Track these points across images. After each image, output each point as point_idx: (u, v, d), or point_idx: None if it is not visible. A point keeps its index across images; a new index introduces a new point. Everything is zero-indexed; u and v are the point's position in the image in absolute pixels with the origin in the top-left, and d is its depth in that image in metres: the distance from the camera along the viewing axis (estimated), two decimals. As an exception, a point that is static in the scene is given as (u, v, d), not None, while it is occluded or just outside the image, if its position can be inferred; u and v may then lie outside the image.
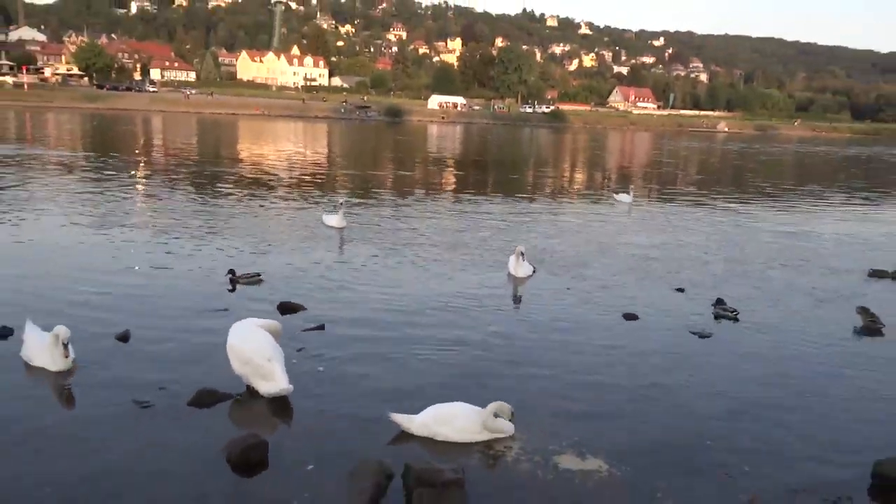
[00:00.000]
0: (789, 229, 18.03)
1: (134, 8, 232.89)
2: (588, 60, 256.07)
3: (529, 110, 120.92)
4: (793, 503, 5.12)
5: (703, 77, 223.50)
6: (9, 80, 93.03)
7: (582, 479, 5.35)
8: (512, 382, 7.08)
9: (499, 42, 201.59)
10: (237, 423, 6.03)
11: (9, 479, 4.96)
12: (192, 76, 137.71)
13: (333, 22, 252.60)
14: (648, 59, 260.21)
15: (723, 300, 10.11)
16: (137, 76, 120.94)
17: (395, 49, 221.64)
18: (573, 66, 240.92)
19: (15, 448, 5.40)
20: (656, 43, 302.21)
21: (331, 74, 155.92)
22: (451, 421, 5.81)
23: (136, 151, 33.64)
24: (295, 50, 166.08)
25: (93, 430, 5.74)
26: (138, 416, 5.97)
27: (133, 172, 24.23)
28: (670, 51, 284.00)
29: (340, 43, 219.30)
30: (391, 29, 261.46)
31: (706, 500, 5.11)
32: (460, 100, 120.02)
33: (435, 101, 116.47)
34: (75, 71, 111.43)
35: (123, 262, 11.14)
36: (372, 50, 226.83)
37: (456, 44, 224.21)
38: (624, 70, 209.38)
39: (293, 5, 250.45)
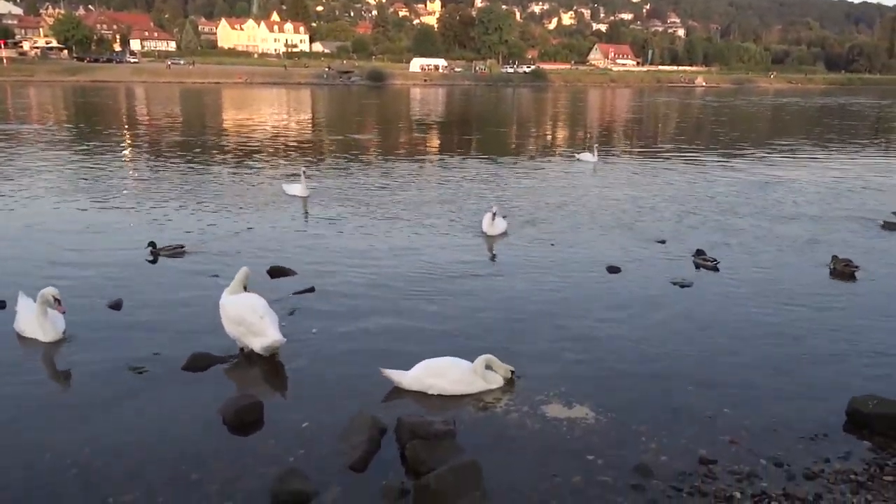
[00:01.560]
0: (764, 180, 18.32)
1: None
2: (567, 18, 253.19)
3: (511, 70, 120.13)
4: (771, 442, 5.31)
5: (681, 32, 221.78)
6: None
7: (569, 426, 5.53)
8: (500, 337, 7.24)
9: (478, 2, 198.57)
10: (232, 384, 6.18)
11: (9, 448, 5.07)
12: (172, 46, 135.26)
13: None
14: (627, 16, 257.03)
15: (702, 251, 10.30)
16: (117, 47, 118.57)
17: (374, 13, 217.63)
18: (552, 24, 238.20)
19: (13, 418, 5.50)
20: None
21: (311, 40, 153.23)
22: (443, 374, 5.98)
23: (120, 123, 33.27)
24: (275, 16, 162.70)
25: (90, 396, 5.86)
26: (134, 382, 6.09)
27: (120, 144, 24.03)
28: (648, 7, 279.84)
29: (320, 8, 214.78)
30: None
31: (688, 442, 5.30)
32: (442, 62, 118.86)
33: (417, 64, 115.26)
34: (54, 44, 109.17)
35: (111, 233, 11.17)
36: (352, 14, 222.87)
37: (436, 5, 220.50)
38: (603, 27, 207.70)
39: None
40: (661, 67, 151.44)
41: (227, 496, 4.57)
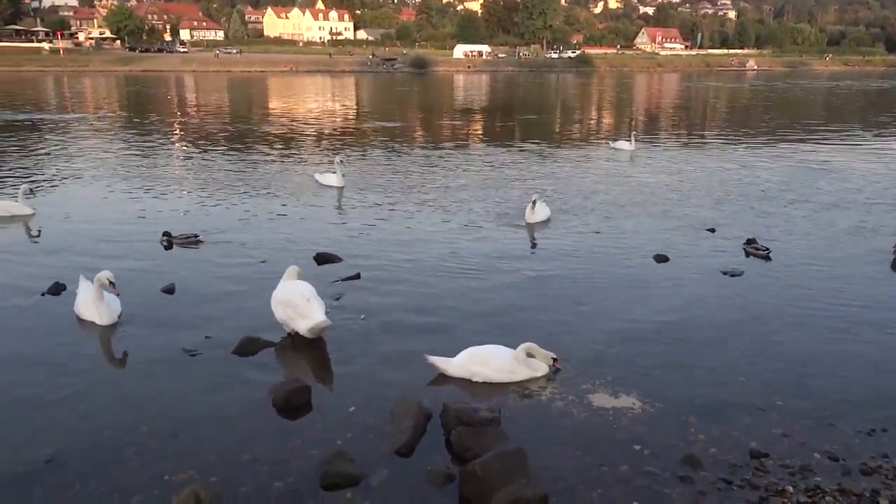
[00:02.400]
0: (816, 166, 17.76)
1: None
2: (613, 2, 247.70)
3: (555, 56, 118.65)
4: (826, 436, 5.18)
5: (732, 14, 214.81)
6: (45, 45, 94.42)
7: (615, 416, 5.48)
8: (545, 324, 7.21)
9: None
10: (280, 368, 6.31)
11: (71, 427, 5.28)
12: (220, 35, 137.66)
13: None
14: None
15: (754, 239, 10.05)
16: (167, 37, 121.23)
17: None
18: (598, 8, 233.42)
19: (74, 397, 5.71)
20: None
21: (356, 28, 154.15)
22: (487, 361, 5.99)
23: (169, 112, 34.07)
24: (320, 4, 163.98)
25: (146, 377, 6.06)
26: (187, 364, 6.27)
27: (168, 133, 24.63)
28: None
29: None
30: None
31: (739, 434, 5.20)
32: (485, 48, 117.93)
33: (460, 50, 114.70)
34: (108, 34, 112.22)
35: (162, 219, 11.47)
36: (396, 1, 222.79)
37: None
38: (650, 10, 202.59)
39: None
40: (710, 51, 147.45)
41: (278, 477, 4.68)
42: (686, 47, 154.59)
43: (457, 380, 6.01)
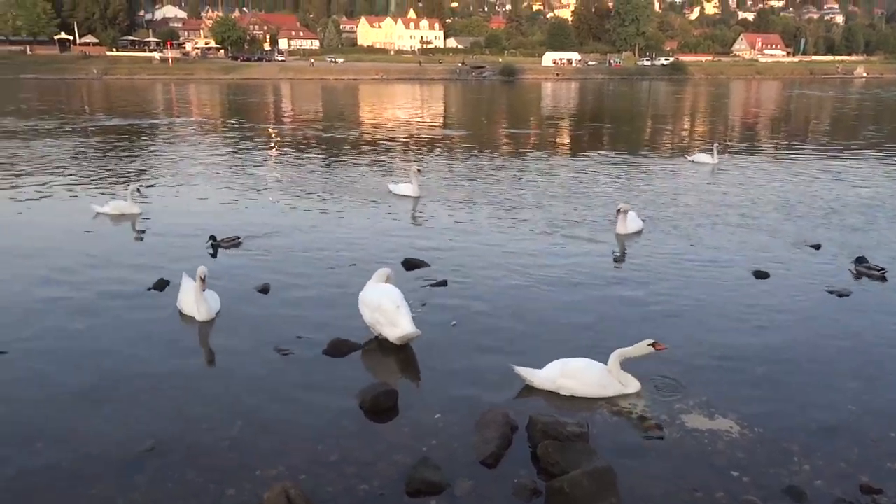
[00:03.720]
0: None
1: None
2: (710, 7, 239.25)
3: (647, 63, 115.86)
4: (948, 474, 4.75)
5: (839, 19, 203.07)
6: (156, 55, 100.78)
7: (711, 438, 5.23)
8: (635, 339, 6.91)
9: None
10: (368, 371, 6.38)
11: (169, 418, 5.52)
12: (315, 44, 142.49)
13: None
14: (777, 3, 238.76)
15: (864, 258, 9.37)
16: (267, 46, 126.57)
17: (508, 7, 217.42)
18: (694, 14, 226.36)
19: (172, 390, 5.97)
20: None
21: (446, 36, 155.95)
22: (576, 375, 5.85)
23: (264, 118, 35.52)
24: (411, 13, 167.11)
25: (240, 374, 6.27)
26: (280, 363, 6.46)
27: (262, 138, 25.66)
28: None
29: (455, 4, 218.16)
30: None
31: (848, 467, 4.85)
32: (575, 56, 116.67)
33: (549, 58, 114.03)
34: (212, 44, 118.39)
35: (258, 220, 11.93)
36: (486, 9, 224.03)
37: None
38: (750, 16, 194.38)
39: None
40: (814, 58, 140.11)
41: (363, 479, 4.72)
42: (788, 54, 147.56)
43: (543, 392, 5.91)
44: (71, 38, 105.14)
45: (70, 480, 4.71)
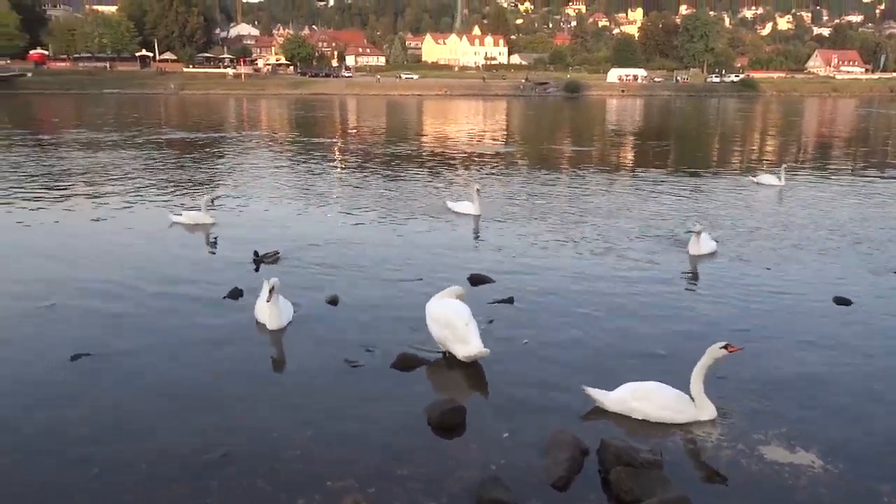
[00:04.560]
0: None
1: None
2: (783, 23, 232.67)
3: (716, 80, 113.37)
4: None
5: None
6: (230, 71, 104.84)
7: (792, 472, 4.99)
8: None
9: (683, 9, 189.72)
10: (436, 387, 6.38)
11: (241, 426, 5.63)
12: (381, 61, 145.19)
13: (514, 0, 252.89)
14: (855, 18, 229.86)
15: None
16: (335, 63, 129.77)
17: (573, 23, 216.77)
18: (766, 30, 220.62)
19: (244, 398, 6.10)
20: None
21: (510, 52, 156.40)
22: (649, 397, 5.69)
23: (330, 132, 36.34)
24: (476, 30, 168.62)
25: (311, 384, 6.36)
26: (350, 374, 6.52)
27: (330, 153, 26.24)
28: (882, 7, 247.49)
29: (520, 21, 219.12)
30: (570, 3, 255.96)
31: (944, 510, 4.55)
32: (641, 72, 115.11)
33: (614, 74, 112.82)
34: (283, 60, 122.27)
35: (324, 233, 12.19)
36: (550, 25, 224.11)
37: (637, 14, 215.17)
38: (825, 31, 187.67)
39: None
40: (895, 74, 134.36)
41: (431, 495, 4.70)
42: (866, 70, 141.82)
43: (613, 415, 5.77)
44: (151, 55, 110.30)
45: (147, 482, 4.85)
